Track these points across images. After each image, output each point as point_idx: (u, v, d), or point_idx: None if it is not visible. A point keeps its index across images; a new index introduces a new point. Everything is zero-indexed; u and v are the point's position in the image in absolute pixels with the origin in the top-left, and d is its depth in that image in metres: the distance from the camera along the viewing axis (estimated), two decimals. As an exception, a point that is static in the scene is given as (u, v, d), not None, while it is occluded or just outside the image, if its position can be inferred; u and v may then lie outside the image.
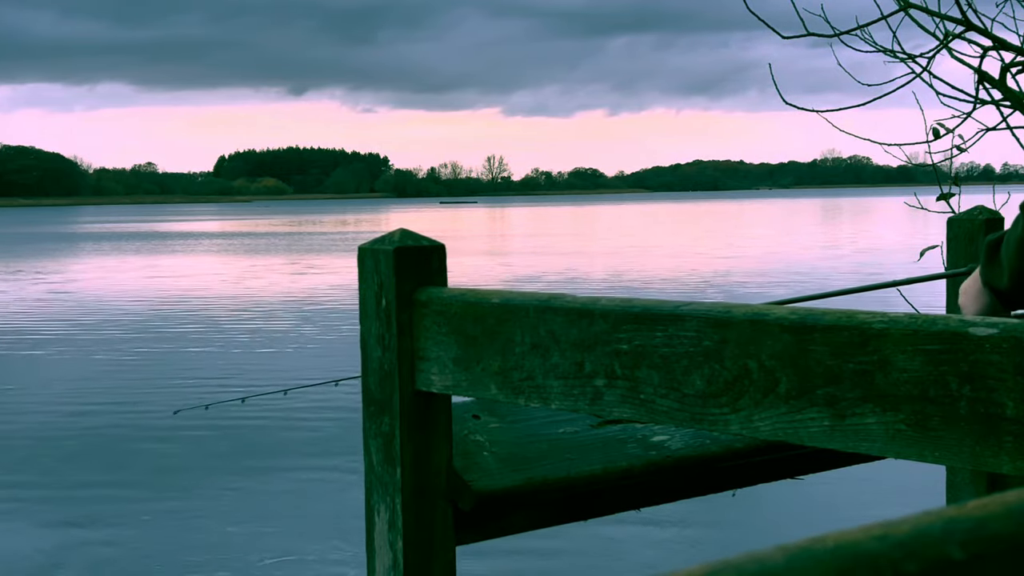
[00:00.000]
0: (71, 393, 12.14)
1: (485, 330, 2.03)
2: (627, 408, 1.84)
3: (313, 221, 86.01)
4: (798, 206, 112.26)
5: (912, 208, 4.35)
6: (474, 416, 2.35)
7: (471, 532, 2.28)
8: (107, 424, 10.48)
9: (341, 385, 3.80)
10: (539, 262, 32.36)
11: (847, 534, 0.53)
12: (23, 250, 44.86)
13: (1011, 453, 1.47)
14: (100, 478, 8.59)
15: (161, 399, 11.34)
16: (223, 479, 8.53)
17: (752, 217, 78.51)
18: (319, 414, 10.41)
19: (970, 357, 1.48)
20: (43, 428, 10.42)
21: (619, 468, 2.33)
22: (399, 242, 2.16)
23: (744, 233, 51.15)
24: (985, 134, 4.07)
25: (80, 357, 14.81)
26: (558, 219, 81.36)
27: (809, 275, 25.34)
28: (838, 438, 1.62)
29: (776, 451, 2.46)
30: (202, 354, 14.89)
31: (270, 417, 10.27)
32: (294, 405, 10.49)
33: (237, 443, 9.60)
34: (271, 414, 10.30)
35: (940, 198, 4.07)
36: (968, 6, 3.92)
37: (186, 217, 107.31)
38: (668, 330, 1.77)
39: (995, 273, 2.16)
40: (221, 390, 11.56)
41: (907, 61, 4.06)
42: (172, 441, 9.66)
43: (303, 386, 5.07)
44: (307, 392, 9.55)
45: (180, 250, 44.21)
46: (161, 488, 8.29)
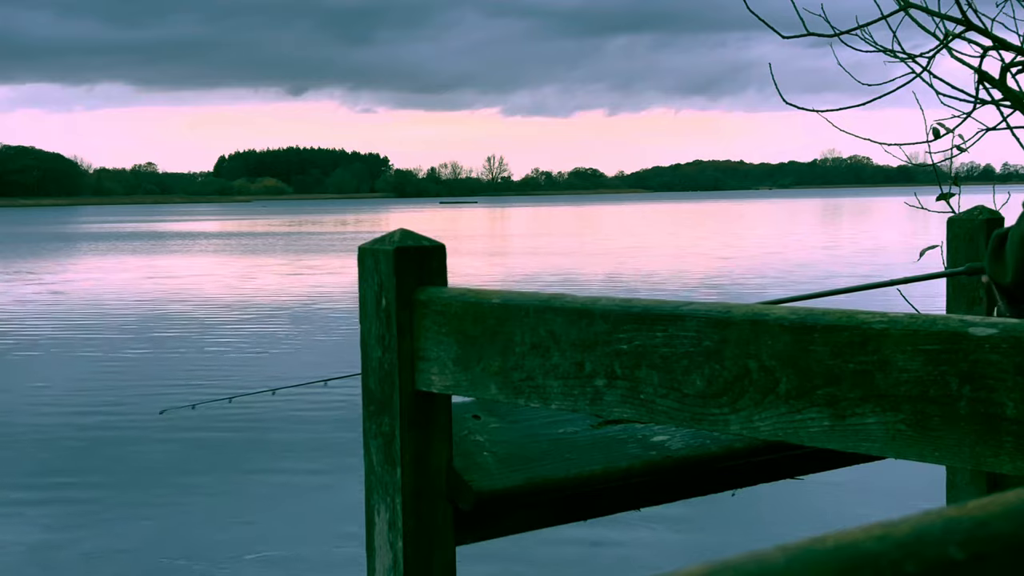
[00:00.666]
0: (60, 393, 12.12)
1: (485, 330, 2.03)
2: (627, 408, 1.84)
3: (313, 221, 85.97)
4: (798, 206, 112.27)
5: (912, 208, 4.35)
6: (474, 416, 2.35)
7: (471, 532, 2.28)
8: (95, 424, 10.46)
9: (335, 385, 3.80)
10: (539, 262, 32.36)
11: (847, 534, 0.53)
12: (17, 250, 44.84)
13: (1011, 453, 1.47)
14: (88, 479, 8.57)
15: (148, 398, 11.33)
16: (219, 478, 8.53)
17: (753, 217, 78.52)
18: (313, 413, 10.40)
19: (970, 357, 1.48)
20: (37, 429, 10.41)
21: (619, 468, 2.33)
22: (399, 242, 2.16)
23: (744, 233, 51.15)
24: (985, 134, 4.06)
25: (70, 357, 14.78)
26: (558, 219, 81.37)
27: (809, 275, 25.35)
28: (838, 438, 1.62)
29: (776, 451, 2.46)
30: (194, 353, 14.87)
31: (265, 417, 10.27)
32: (294, 405, 10.48)
33: (223, 444, 9.59)
34: (267, 413, 10.30)
35: (940, 198, 4.07)
36: (968, 6, 3.92)
37: (185, 217, 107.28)
38: (668, 330, 1.77)
39: (999, 269, 2.16)
40: (221, 388, 11.56)
41: (907, 61, 4.06)
42: (164, 441, 9.65)
43: (292, 386, 5.05)
44: (305, 392, 9.53)
45: (177, 250, 44.20)
46: (149, 487, 8.29)
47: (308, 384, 4.24)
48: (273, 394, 4.99)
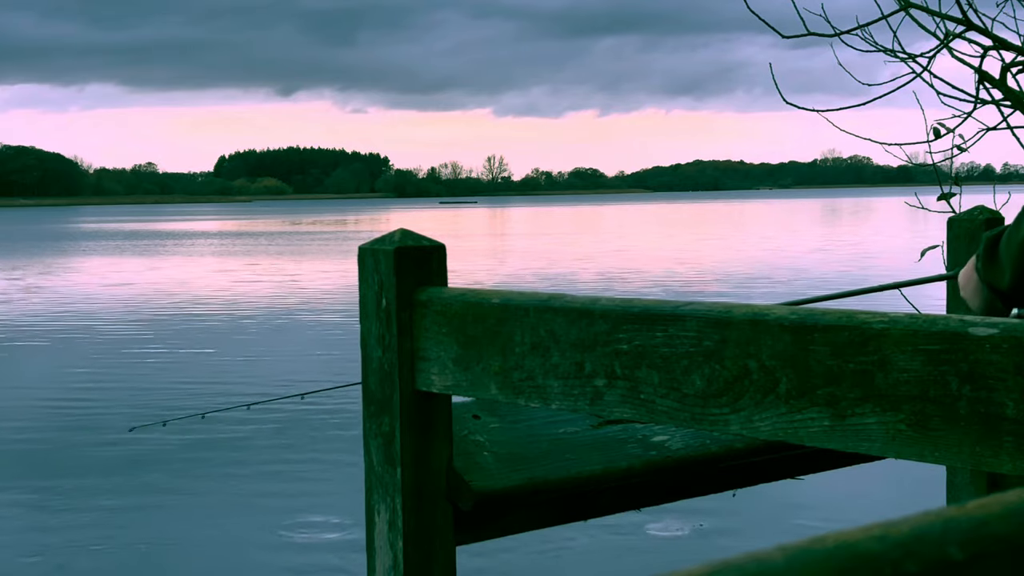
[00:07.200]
0: (39, 396, 12.07)
1: (485, 330, 2.03)
2: (627, 408, 1.84)
3: (313, 221, 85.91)
4: (799, 206, 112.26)
5: (912, 208, 4.35)
6: (474, 416, 2.35)
7: (471, 532, 2.28)
8: (93, 424, 10.44)
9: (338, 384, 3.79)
10: (539, 262, 32.35)
11: (847, 534, 0.53)
12: (11, 250, 44.79)
13: (1011, 453, 1.47)
14: (87, 478, 8.57)
15: (123, 406, 11.25)
16: (217, 482, 8.53)
17: (753, 217, 78.50)
18: (314, 416, 10.40)
19: (970, 357, 1.48)
20: (29, 428, 10.42)
21: (619, 468, 2.33)
22: (399, 242, 2.16)
23: (744, 233, 51.13)
24: (985, 134, 4.06)
25: (48, 360, 14.72)
26: (558, 219, 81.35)
27: (809, 275, 25.34)
28: (838, 438, 1.62)
29: (776, 451, 2.46)
30: (187, 358, 14.86)
31: (264, 417, 10.27)
32: (297, 406, 10.47)
33: (200, 453, 9.57)
34: (267, 413, 10.30)
35: (940, 198, 4.07)
36: (968, 6, 3.92)
37: (184, 217, 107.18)
38: (668, 330, 1.77)
39: (995, 273, 2.15)
40: (220, 395, 11.54)
41: (907, 61, 4.06)
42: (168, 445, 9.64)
43: (268, 400, 4.97)
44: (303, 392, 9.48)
45: (174, 250, 44.17)
46: (145, 487, 8.29)
47: (286, 398, 4.19)
48: (248, 409, 4.90)
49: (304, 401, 9.01)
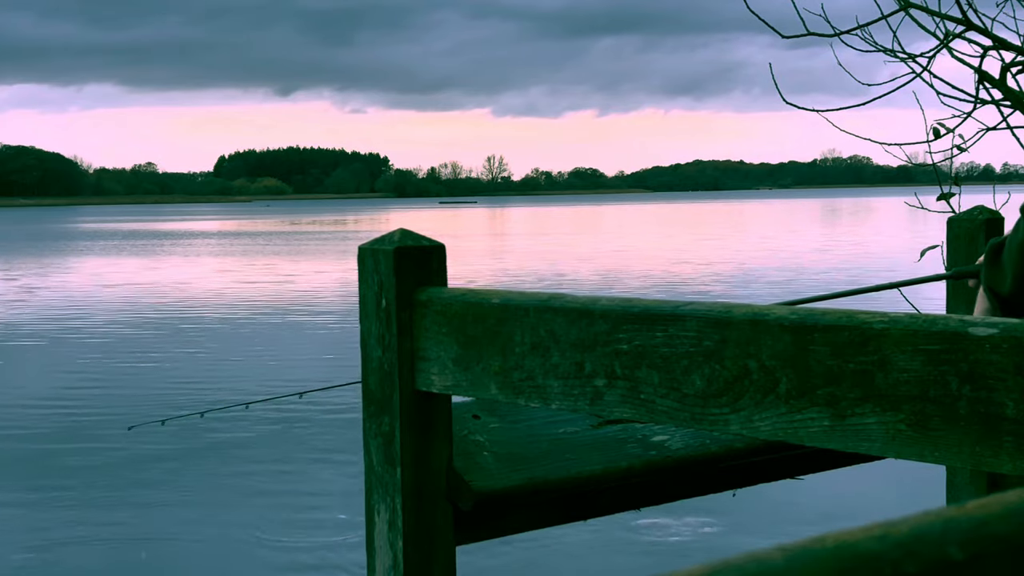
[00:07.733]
0: (42, 395, 12.11)
1: (485, 330, 2.03)
2: (627, 408, 1.84)
3: (312, 221, 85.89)
4: (798, 206, 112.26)
5: (912, 208, 4.35)
6: (474, 416, 2.35)
7: (471, 532, 2.28)
8: (93, 424, 10.44)
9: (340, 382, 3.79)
10: (539, 262, 32.35)
11: (847, 534, 0.53)
12: (11, 250, 44.78)
13: (1011, 453, 1.47)
14: (87, 476, 8.57)
15: (121, 408, 11.26)
16: (217, 481, 8.53)
17: (753, 217, 78.50)
18: (315, 416, 10.40)
19: (970, 357, 1.48)
20: (28, 427, 10.41)
21: (619, 468, 2.33)
22: (399, 242, 2.16)
23: (744, 233, 51.13)
24: (985, 134, 4.06)
25: (48, 359, 14.75)
26: (558, 219, 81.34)
27: (809, 275, 25.34)
28: (838, 438, 1.62)
29: (776, 451, 2.46)
30: (188, 357, 14.86)
31: (265, 418, 10.27)
32: (296, 405, 10.47)
33: (200, 451, 9.57)
34: (266, 414, 10.30)
35: (940, 198, 4.07)
36: (968, 6, 3.92)
37: (184, 217, 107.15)
38: (668, 330, 1.77)
39: (997, 278, 2.16)
40: (219, 394, 11.55)
41: (907, 61, 4.05)
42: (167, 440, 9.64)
43: (267, 399, 4.98)
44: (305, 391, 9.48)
45: (173, 250, 44.16)
46: (147, 483, 8.29)
47: (283, 397, 4.20)
48: (247, 408, 4.89)
49: (303, 400, 9.09)
